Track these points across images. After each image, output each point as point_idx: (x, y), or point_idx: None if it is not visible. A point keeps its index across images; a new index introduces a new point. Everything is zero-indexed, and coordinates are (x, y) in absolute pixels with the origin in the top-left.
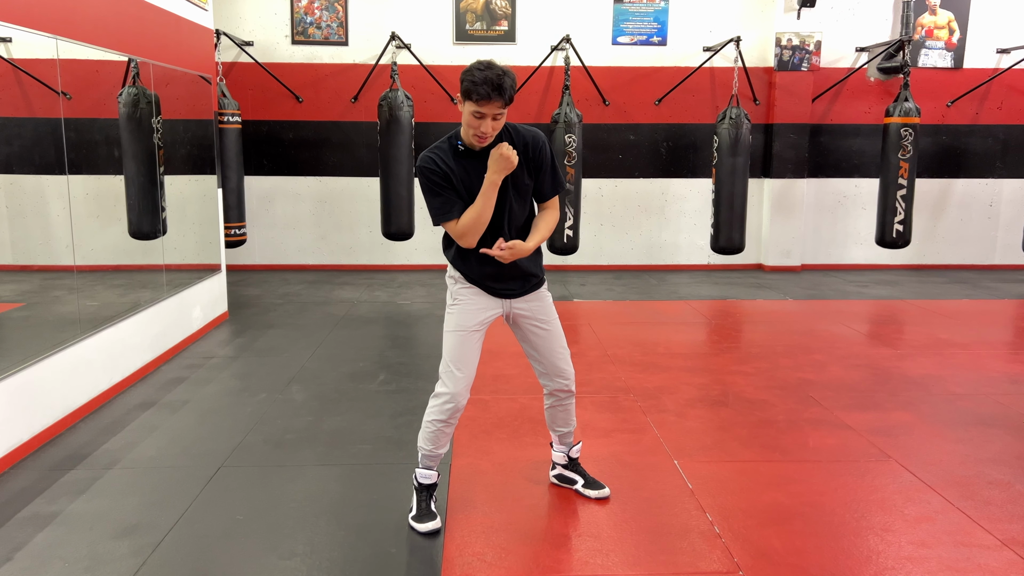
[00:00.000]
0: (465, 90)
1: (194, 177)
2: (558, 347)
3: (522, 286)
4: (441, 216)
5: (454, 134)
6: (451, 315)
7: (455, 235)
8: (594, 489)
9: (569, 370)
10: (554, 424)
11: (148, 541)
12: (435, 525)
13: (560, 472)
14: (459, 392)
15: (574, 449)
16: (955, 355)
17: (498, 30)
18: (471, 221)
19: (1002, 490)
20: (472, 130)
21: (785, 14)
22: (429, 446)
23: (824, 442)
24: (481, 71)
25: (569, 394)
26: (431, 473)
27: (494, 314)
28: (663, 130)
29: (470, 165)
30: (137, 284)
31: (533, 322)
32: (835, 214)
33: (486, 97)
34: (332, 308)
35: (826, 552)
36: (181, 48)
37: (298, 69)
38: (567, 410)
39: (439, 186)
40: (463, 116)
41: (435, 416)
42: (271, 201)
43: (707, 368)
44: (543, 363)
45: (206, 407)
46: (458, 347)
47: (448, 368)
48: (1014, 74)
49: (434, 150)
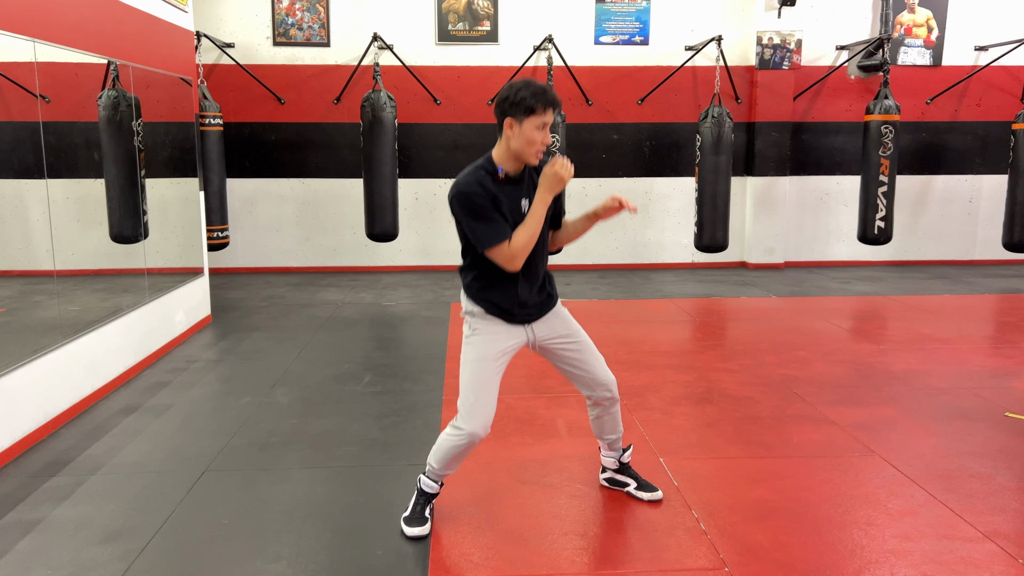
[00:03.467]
0: (528, 107)
1: (176, 180)
2: (593, 358)
3: (540, 308)
4: (494, 240)
5: (486, 161)
6: (470, 345)
7: (505, 258)
8: (647, 492)
9: (611, 378)
10: (602, 433)
11: (132, 546)
12: (422, 531)
13: (611, 476)
14: (476, 431)
15: (625, 454)
16: (937, 350)
17: (480, 30)
18: (525, 242)
19: (984, 483)
20: (535, 146)
21: (766, 13)
22: (438, 466)
23: (808, 438)
24: (528, 86)
25: (614, 400)
26: (434, 484)
27: (517, 343)
28: (646, 129)
29: (509, 192)
30: (119, 288)
31: (560, 341)
32: (817, 211)
33: (552, 103)
34: (316, 310)
35: (811, 547)
36: (161, 50)
37: (280, 71)
38: (614, 417)
39: (488, 210)
40: (518, 137)
41: (451, 445)
42: (254, 203)
43: (692, 366)
44: (585, 378)
45: (190, 411)
46: (479, 377)
47: (467, 400)
48: (992, 71)
49: (474, 175)
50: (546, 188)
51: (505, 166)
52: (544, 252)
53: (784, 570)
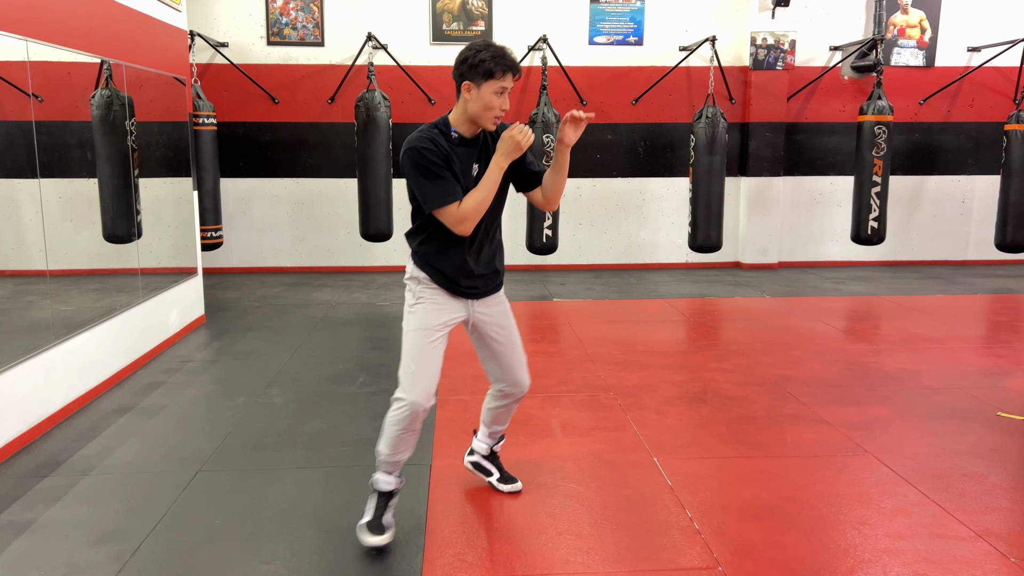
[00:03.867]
0: (486, 70)
1: (169, 180)
2: (517, 355)
3: (487, 284)
4: (441, 199)
5: (441, 122)
6: (412, 314)
7: (454, 220)
8: (508, 484)
9: (526, 380)
10: (493, 423)
11: (126, 548)
12: (383, 540)
13: (478, 460)
14: (419, 399)
15: (499, 444)
16: (930, 350)
17: (475, 30)
18: (476, 204)
19: (976, 482)
20: (493, 111)
21: (760, 13)
22: (387, 450)
23: (802, 437)
24: (487, 47)
25: (518, 400)
26: (390, 479)
27: (457, 317)
28: (640, 129)
29: (462, 154)
30: (112, 288)
31: (493, 327)
32: (811, 212)
33: (511, 68)
34: (311, 310)
35: (804, 546)
36: (154, 49)
37: (274, 70)
38: (510, 412)
39: (438, 167)
40: (475, 101)
41: (395, 422)
42: (248, 203)
43: (686, 366)
44: (501, 372)
45: (184, 411)
46: (419, 347)
47: (408, 370)
48: (984, 72)
49: (426, 133)
50: (502, 153)
51: (460, 129)
52: (496, 221)
53: (778, 569)
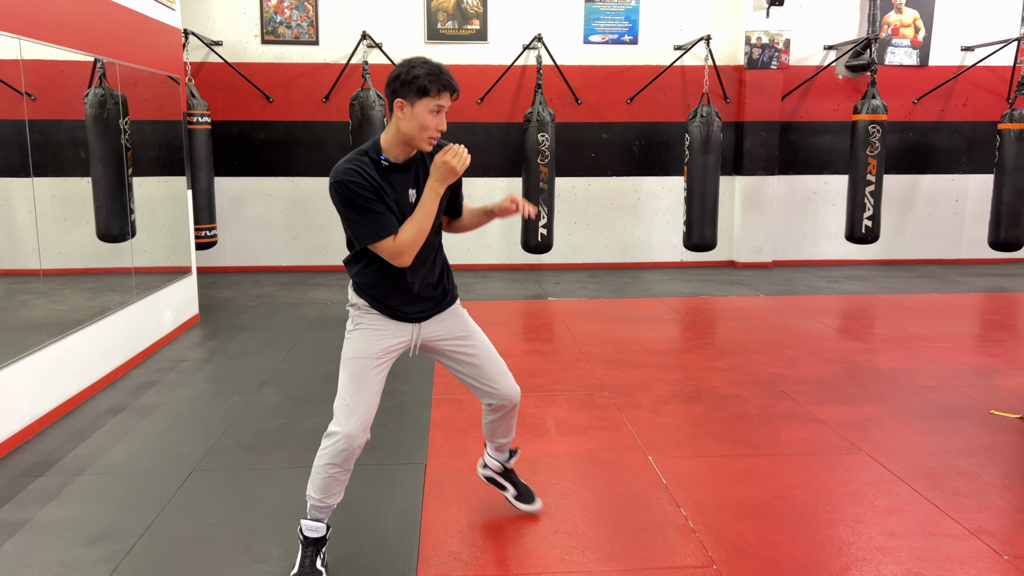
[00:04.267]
0: (420, 87)
1: (163, 179)
2: (492, 366)
3: (435, 305)
4: (376, 235)
5: (370, 148)
6: (351, 340)
7: (392, 253)
8: (527, 503)
9: (514, 390)
10: (494, 436)
11: (119, 547)
12: None
13: (491, 476)
14: (353, 432)
15: (512, 459)
16: (923, 348)
17: (470, 29)
18: (413, 235)
19: (969, 480)
20: (428, 132)
21: (754, 13)
22: (318, 495)
23: (796, 436)
24: (423, 64)
25: (513, 410)
26: (318, 526)
27: (401, 342)
28: (635, 128)
29: (396, 180)
30: (106, 287)
31: (453, 342)
32: (805, 211)
33: (447, 86)
34: (305, 309)
35: (798, 544)
36: (148, 48)
37: (268, 69)
38: (509, 424)
39: (369, 201)
40: (409, 120)
41: (327, 460)
42: (242, 202)
43: (681, 364)
44: (482, 386)
45: (178, 411)
46: (356, 377)
47: (343, 403)
48: (978, 71)
49: (353, 162)
50: (437, 178)
51: (392, 152)
52: (438, 243)
53: (772, 567)
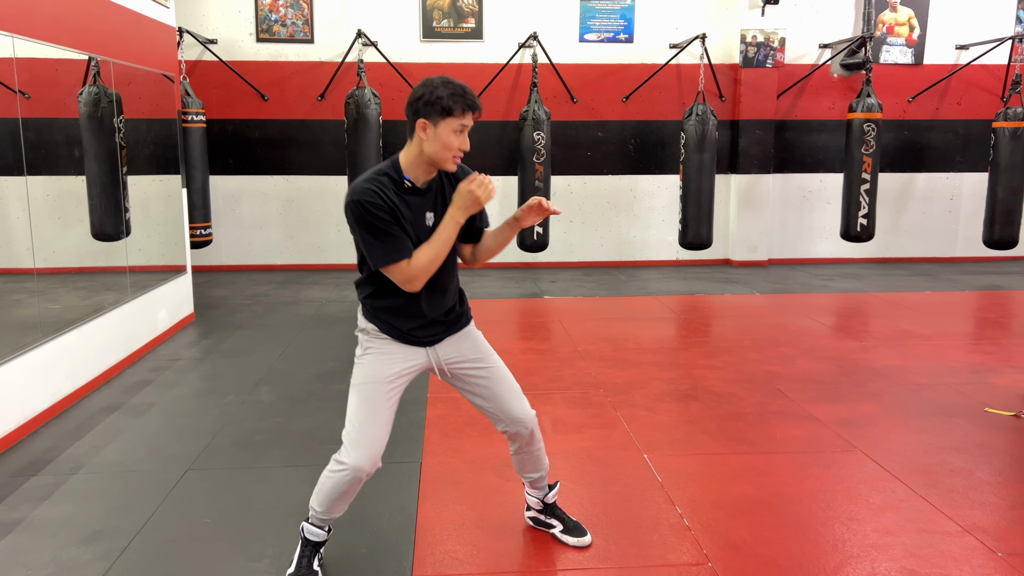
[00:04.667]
0: (444, 107)
1: (158, 177)
2: (506, 390)
3: (447, 328)
4: (391, 258)
5: (391, 167)
6: (360, 366)
7: (405, 278)
8: (575, 536)
9: (528, 413)
10: (523, 471)
11: (114, 546)
12: None
13: (536, 516)
14: (362, 465)
15: (551, 494)
16: (918, 346)
17: (465, 27)
18: (428, 262)
19: (963, 477)
20: (452, 151)
21: (750, 11)
22: (321, 508)
23: (791, 434)
24: (446, 84)
25: (532, 438)
26: (319, 531)
27: (415, 365)
28: (631, 127)
29: (415, 203)
30: (100, 286)
31: (468, 366)
32: (801, 209)
33: (472, 106)
34: (301, 308)
35: (793, 542)
36: (143, 46)
37: (263, 67)
38: (534, 456)
39: (386, 223)
40: (432, 141)
41: (332, 485)
42: (237, 201)
43: (676, 363)
44: (495, 412)
45: (173, 410)
46: (367, 403)
47: (353, 431)
48: (972, 70)
49: (372, 183)
50: (459, 207)
51: (414, 173)
52: (453, 267)
53: (767, 565)
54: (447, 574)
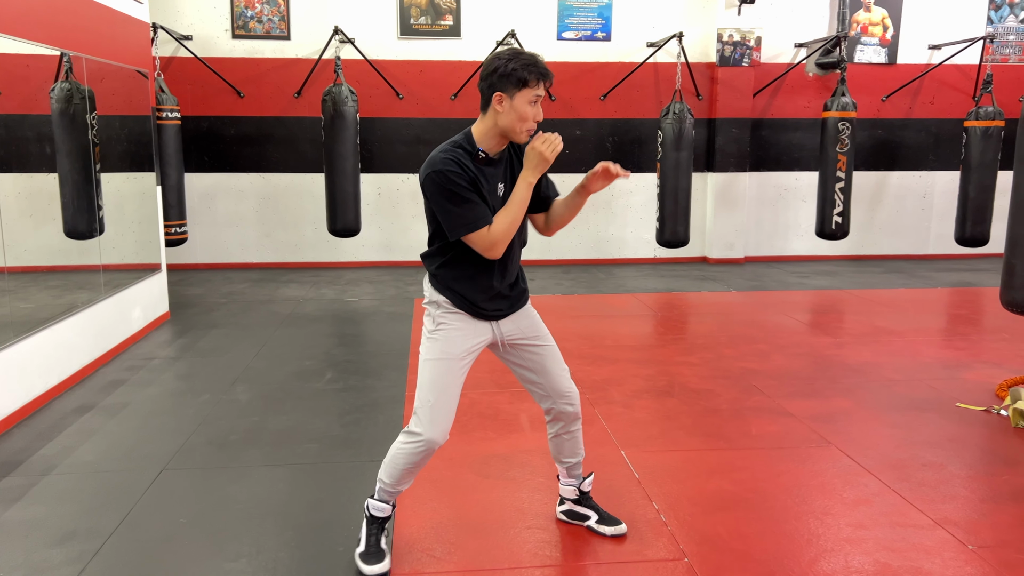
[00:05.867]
0: (520, 78)
1: (132, 174)
2: (557, 367)
3: (512, 304)
4: (474, 225)
5: (464, 139)
6: (434, 340)
7: (486, 245)
8: (610, 525)
9: (574, 390)
10: (560, 455)
11: (87, 548)
12: (383, 568)
13: (570, 508)
14: (435, 437)
15: (586, 482)
16: (891, 342)
17: (443, 25)
18: (507, 227)
19: (935, 471)
20: (527, 122)
21: (726, 10)
22: (390, 480)
23: (767, 429)
24: (517, 55)
25: (575, 416)
26: (385, 506)
27: (483, 341)
28: (609, 125)
29: (489, 173)
30: (73, 285)
31: (526, 342)
32: (776, 207)
33: (544, 74)
34: (277, 306)
35: (768, 537)
36: (116, 42)
37: (239, 64)
38: (575, 438)
39: (466, 190)
40: (509, 113)
41: (405, 457)
42: (213, 198)
43: (653, 359)
44: (544, 386)
45: (147, 409)
46: (441, 378)
47: (427, 402)
48: (944, 69)
49: (451, 152)
50: (530, 167)
51: (487, 145)
52: (521, 240)
53: (742, 560)
54: (425, 572)
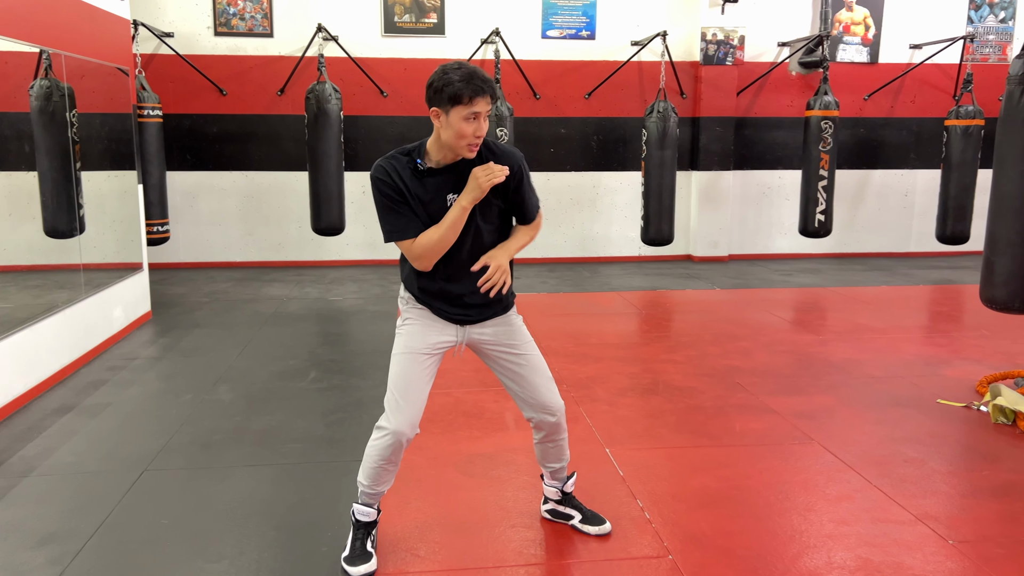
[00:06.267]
0: (452, 94)
1: (113, 173)
2: (537, 378)
3: (481, 312)
4: (395, 234)
5: (414, 149)
6: (400, 335)
7: (410, 255)
8: (594, 525)
9: (557, 403)
10: (545, 460)
11: (67, 549)
12: (369, 568)
13: (553, 507)
14: (402, 429)
15: (568, 483)
16: (874, 340)
17: (427, 23)
18: (430, 244)
19: (916, 467)
20: (466, 139)
21: (710, 9)
22: (368, 482)
23: (750, 426)
24: (456, 70)
25: (557, 427)
26: (369, 510)
27: (447, 340)
28: (593, 124)
29: (431, 184)
30: (54, 284)
31: (501, 349)
32: (760, 205)
33: (480, 91)
34: (260, 306)
35: (752, 533)
36: (96, 39)
37: (221, 61)
38: (559, 446)
39: (392, 200)
40: (447, 129)
41: (376, 453)
42: (195, 197)
43: (638, 357)
44: (522, 396)
45: (129, 409)
46: (405, 372)
47: (392, 397)
48: (925, 69)
49: (389, 160)
50: (467, 191)
51: (437, 156)
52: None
53: (726, 556)
54: (409, 571)
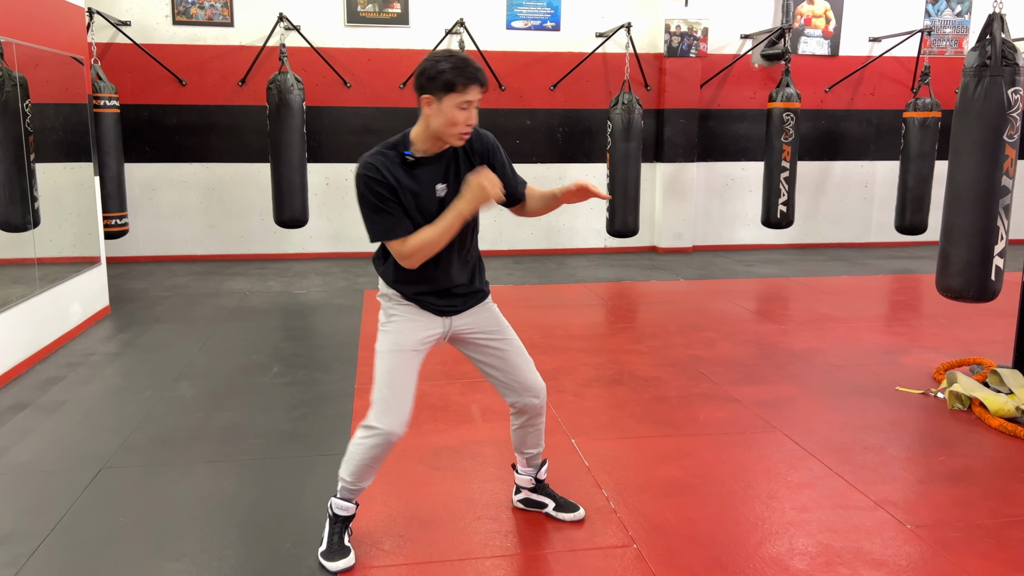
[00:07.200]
0: (445, 82)
1: (69, 165)
2: (521, 361)
3: (465, 302)
4: (385, 235)
5: (399, 141)
6: (386, 333)
7: (399, 255)
8: (568, 512)
9: (539, 384)
10: (523, 446)
11: (22, 550)
12: (349, 563)
13: (527, 496)
14: (394, 428)
15: (542, 470)
16: (835, 329)
17: (391, 12)
18: (424, 245)
19: (876, 454)
20: (458, 127)
21: (673, 1)
22: (351, 478)
23: (714, 416)
24: (448, 58)
25: (541, 411)
26: (349, 505)
27: (434, 334)
28: (559, 115)
29: (421, 175)
30: (7, 279)
31: (482, 335)
32: (723, 197)
33: (474, 79)
34: (222, 300)
35: (716, 521)
36: (48, 27)
37: (180, 51)
38: (538, 430)
39: (383, 199)
40: (438, 116)
41: (364, 451)
42: (155, 189)
43: (603, 348)
44: (509, 382)
45: (86, 407)
46: (395, 370)
47: (382, 396)
48: (884, 62)
49: (377, 156)
50: (468, 200)
51: (423, 146)
52: (470, 242)
53: (690, 545)
54: (373, 566)
